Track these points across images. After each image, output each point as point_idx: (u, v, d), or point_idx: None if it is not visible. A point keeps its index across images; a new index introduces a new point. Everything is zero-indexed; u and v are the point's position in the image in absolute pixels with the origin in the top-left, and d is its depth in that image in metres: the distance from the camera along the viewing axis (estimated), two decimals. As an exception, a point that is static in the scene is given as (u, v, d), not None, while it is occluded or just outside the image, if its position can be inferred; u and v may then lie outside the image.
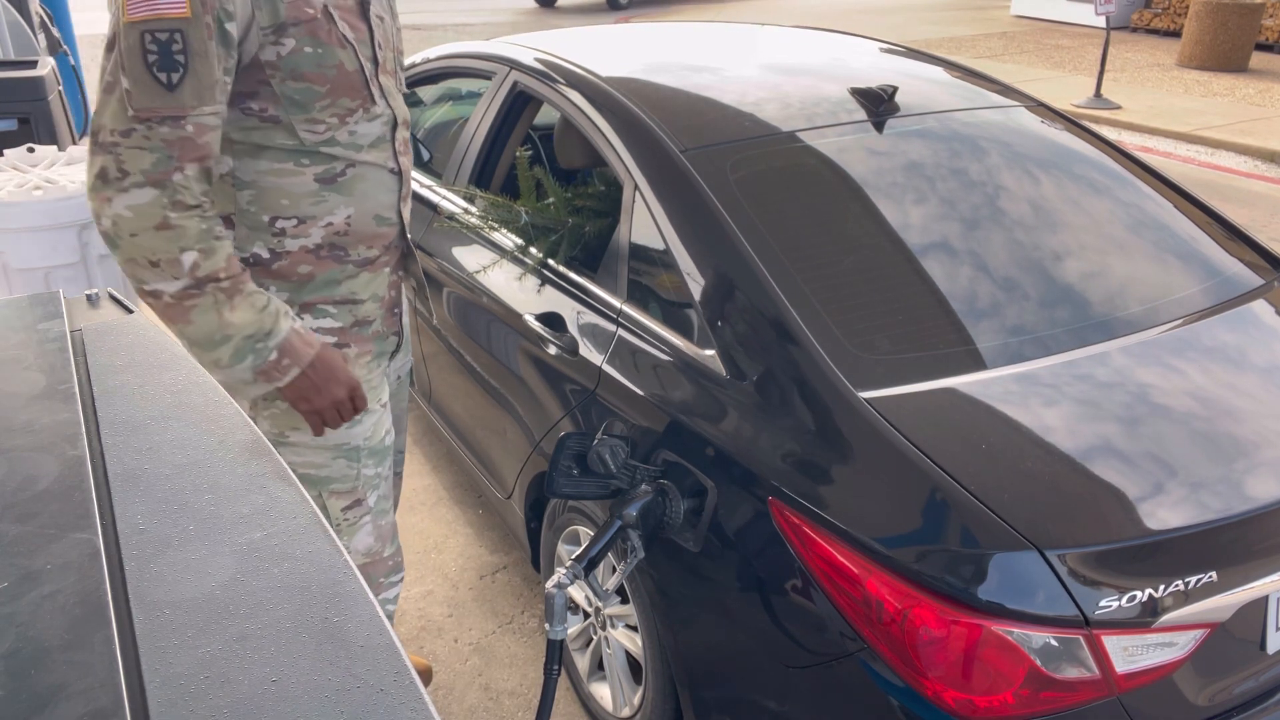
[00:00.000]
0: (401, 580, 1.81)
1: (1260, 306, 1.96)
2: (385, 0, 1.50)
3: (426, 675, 2.29)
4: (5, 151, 3.48)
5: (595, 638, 2.19)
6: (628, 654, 2.08)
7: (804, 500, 1.51)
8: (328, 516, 1.61)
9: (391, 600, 1.78)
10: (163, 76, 1.18)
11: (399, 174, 1.54)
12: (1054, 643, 1.35)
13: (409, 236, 1.65)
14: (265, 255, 1.46)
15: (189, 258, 1.26)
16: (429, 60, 3.15)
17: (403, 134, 1.53)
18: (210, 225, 1.29)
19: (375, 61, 1.43)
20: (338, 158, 1.43)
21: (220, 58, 1.23)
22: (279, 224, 1.44)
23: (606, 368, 1.93)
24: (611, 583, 1.76)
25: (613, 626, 2.10)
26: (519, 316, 2.21)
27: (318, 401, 1.43)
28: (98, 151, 1.22)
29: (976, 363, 1.66)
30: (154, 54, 1.17)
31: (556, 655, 1.68)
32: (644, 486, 1.69)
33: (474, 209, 2.55)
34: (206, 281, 1.28)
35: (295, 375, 1.39)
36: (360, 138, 1.43)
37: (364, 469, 1.62)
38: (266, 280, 1.48)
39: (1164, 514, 1.42)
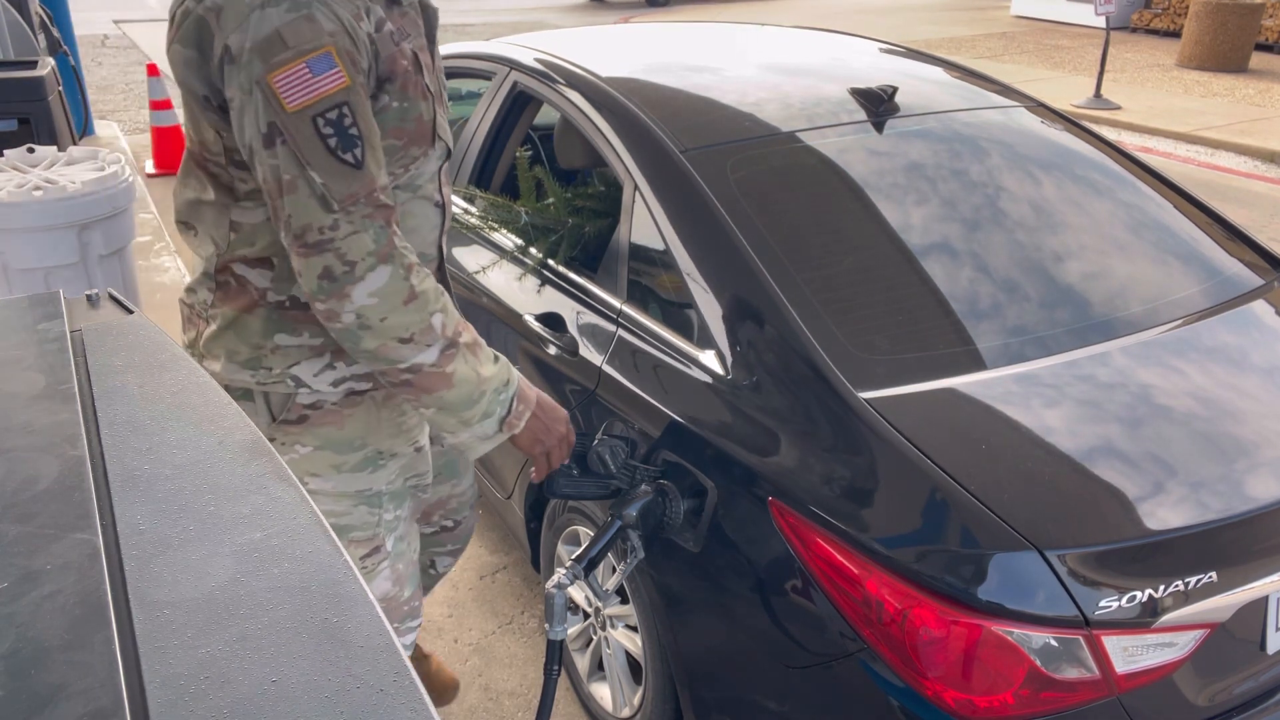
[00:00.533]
0: (418, 625, 1.74)
1: (1260, 307, 1.96)
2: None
3: (454, 689, 2.23)
4: (5, 151, 3.48)
5: (595, 638, 2.19)
6: (628, 654, 2.08)
7: (804, 500, 1.51)
8: None
9: (407, 646, 1.70)
10: (348, 157, 1.12)
11: (442, 206, 1.45)
12: (1054, 643, 1.35)
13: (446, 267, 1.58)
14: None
15: (438, 320, 1.22)
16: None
17: (446, 163, 1.46)
18: (435, 282, 1.24)
19: (434, 97, 1.33)
20: (400, 190, 1.38)
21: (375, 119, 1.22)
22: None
23: (606, 368, 1.93)
24: (611, 583, 1.76)
25: (613, 627, 2.10)
26: (519, 317, 2.21)
27: (548, 440, 1.39)
28: (310, 253, 1.14)
29: (976, 363, 1.66)
30: (331, 136, 1.11)
31: (557, 655, 1.67)
32: (644, 487, 1.68)
33: (474, 209, 2.55)
34: (455, 339, 1.24)
35: (529, 419, 1.35)
36: (418, 178, 1.36)
37: (384, 514, 1.54)
38: (304, 325, 1.35)
39: (1164, 514, 1.42)
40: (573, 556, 1.68)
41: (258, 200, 1.23)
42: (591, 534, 2.04)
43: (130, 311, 1.13)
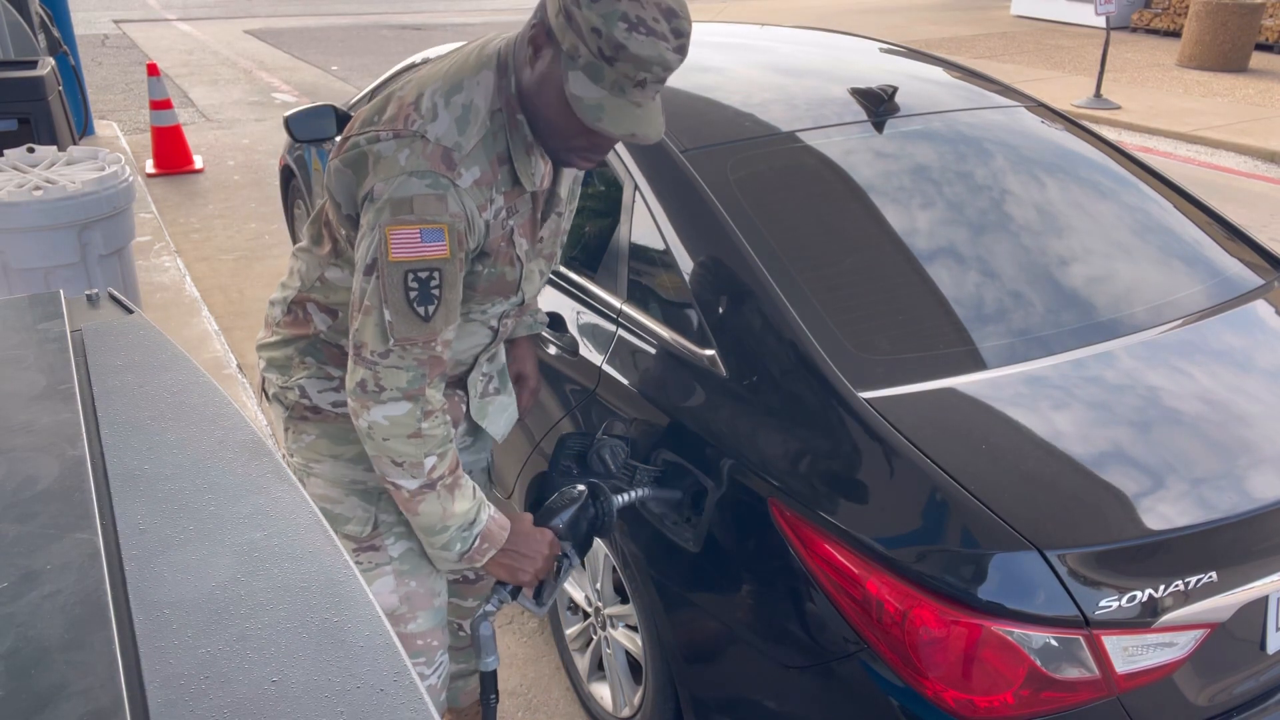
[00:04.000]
0: (438, 672, 1.69)
1: (1260, 306, 1.96)
2: (566, 194, 1.57)
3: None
4: (5, 151, 3.48)
5: (595, 638, 2.19)
6: (628, 654, 2.08)
7: (804, 500, 1.51)
8: None
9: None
10: (420, 310, 1.31)
11: (495, 332, 1.58)
12: (1054, 643, 1.35)
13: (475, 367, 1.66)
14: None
15: (430, 461, 1.38)
16: (429, 60, 3.15)
17: (526, 299, 1.57)
18: (448, 430, 1.41)
19: (524, 267, 1.50)
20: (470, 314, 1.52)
21: (461, 284, 1.37)
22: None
23: (606, 368, 1.93)
24: (546, 596, 1.63)
25: (613, 626, 2.10)
26: (519, 316, 2.21)
27: (523, 572, 1.52)
28: (359, 364, 1.36)
29: (976, 363, 1.66)
30: (414, 290, 1.30)
31: (491, 685, 1.63)
32: (575, 490, 1.62)
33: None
34: (435, 482, 1.40)
35: (495, 555, 1.49)
36: (487, 312, 1.51)
37: (381, 513, 1.58)
38: (334, 362, 1.54)
39: (1164, 514, 1.42)
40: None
41: (347, 269, 1.47)
42: (591, 534, 2.04)
43: (130, 311, 1.13)
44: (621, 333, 1.94)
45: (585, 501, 1.60)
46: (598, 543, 2.03)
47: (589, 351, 2.00)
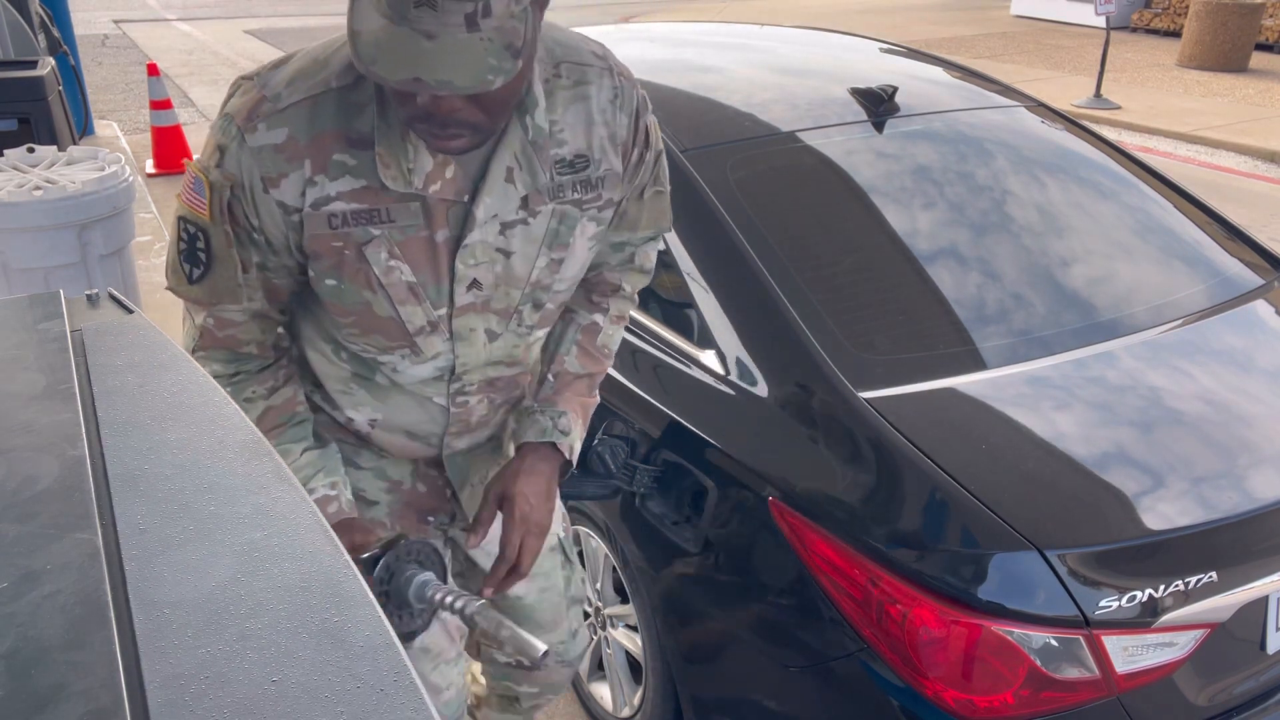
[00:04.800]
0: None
1: (1260, 306, 1.96)
2: (529, 230, 1.14)
3: None
4: (5, 151, 3.48)
5: (595, 638, 2.19)
6: (628, 654, 2.08)
7: (804, 500, 1.51)
8: None
9: None
10: (185, 269, 1.14)
11: (445, 410, 1.28)
12: (1054, 643, 1.35)
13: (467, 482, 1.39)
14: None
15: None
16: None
17: (484, 375, 1.25)
18: (238, 390, 1.21)
19: (450, 303, 1.15)
20: (377, 369, 1.24)
21: (249, 261, 1.13)
22: (309, 385, 1.33)
23: (606, 368, 1.93)
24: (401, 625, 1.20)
25: (613, 626, 2.10)
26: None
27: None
28: None
29: (976, 363, 1.66)
30: (183, 245, 1.13)
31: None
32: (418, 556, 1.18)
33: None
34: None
35: None
36: (400, 375, 1.23)
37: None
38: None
39: (1164, 514, 1.42)
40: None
41: None
42: (592, 534, 2.05)
43: (130, 311, 1.13)
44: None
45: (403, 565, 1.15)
46: (598, 542, 2.03)
47: (589, 351, 2.00)
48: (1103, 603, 1.35)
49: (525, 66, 0.97)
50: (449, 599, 1.11)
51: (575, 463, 1.32)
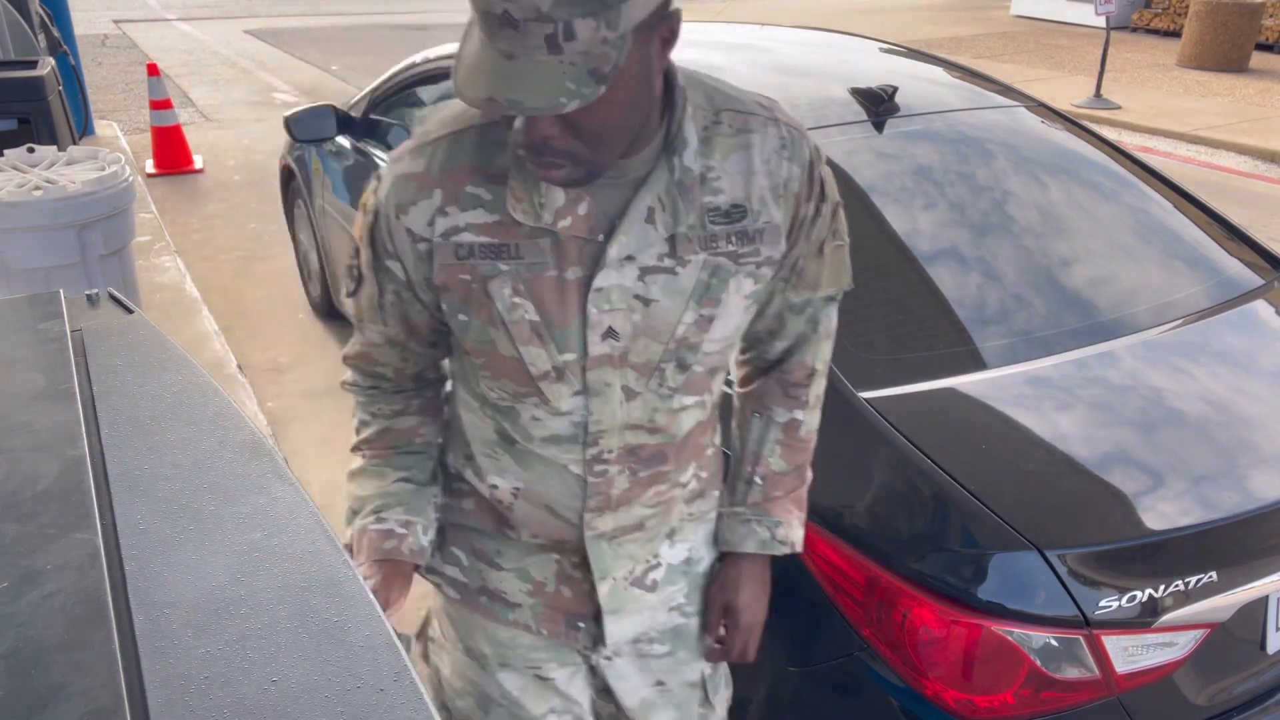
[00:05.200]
0: None
1: (1260, 306, 1.96)
2: (675, 281, 1.05)
3: None
4: (5, 151, 3.48)
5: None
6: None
7: (804, 500, 1.51)
8: None
9: None
10: (348, 281, 1.18)
11: (582, 481, 1.15)
12: (1054, 643, 1.35)
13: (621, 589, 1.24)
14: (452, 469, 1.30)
15: (355, 420, 1.28)
16: (429, 60, 3.15)
17: (624, 441, 1.13)
18: (366, 404, 1.25)
19: (582, 350, 1.06)
20: (516, 425, 1.16)
21: (385, 286, 1.13)
22: (461, 457, 1.27)
23: (606, 368, 1.93)
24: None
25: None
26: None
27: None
28: None
29: (977, 362, 1.66)
30: (351, 260, 1.17)
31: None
32: None
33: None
34: (359, 446, 1.27)
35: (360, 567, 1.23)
36: (532, 430, 1.14)
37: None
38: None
39: (1164, 514, 1.42)
40: None
41: None
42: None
43: (130, 311, 1.13)
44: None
45: None
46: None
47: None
48: (1103, 603, 1.35)
49: (628, 96, 0.91)
50: None
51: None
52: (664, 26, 0.90)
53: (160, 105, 6.32)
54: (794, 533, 1.29)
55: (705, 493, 1.28)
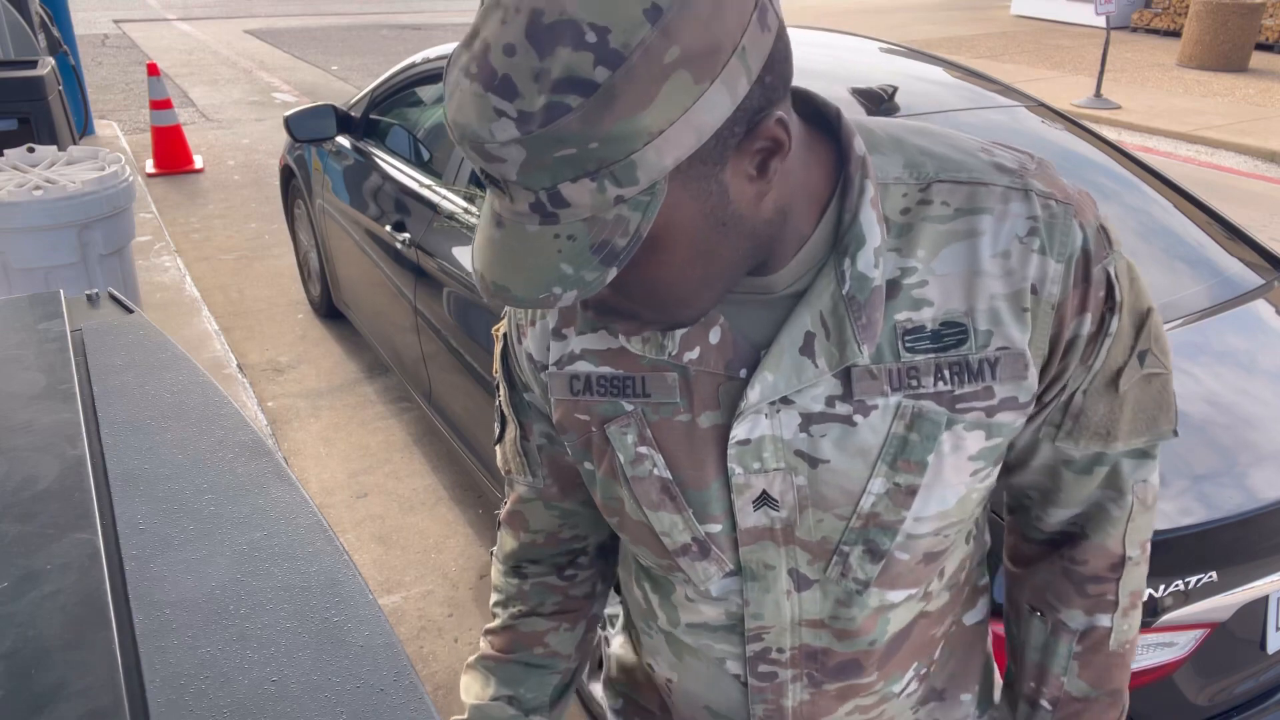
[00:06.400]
0: None
1: (1260, 306, 1.96)
2: (853, 434, 0.74)
3: None
4: (5, 151, 3.48)
5: (598, 638, 2.19)
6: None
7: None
8: None
9: None
10: (496, 427, 0.96)
11: (745, 685, 0.88)
12: (1054, 643, 1.34)
13: None
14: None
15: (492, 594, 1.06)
16: (429, 60, 3.15)
17: (800, 641, 0.83)
18: (502, 584, 1.02)
19: (730, 521, 0.80)
20: (668, 599, 0.91)
21: (530, 427, 0.92)
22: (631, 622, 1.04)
23: (606, 368, 1.93)
24: None
25: (613, 625, 2.10)
26: (519, 316, 2.21)
27: None
28: None
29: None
30: (499, 397, 0.95)
31: None
32: None
33: (474, 209, 2.55)
34: (487, 631, 1.05)
35: None
36: (686, 610, 0.88)
37: None
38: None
39: (1164, 513, 1.42)
40: None
41: None
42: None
43: (130, 311, 1.13)
44: (621, 333, 1.94)
45: None
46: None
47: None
48: (1103, 603, 1.35)
49: (689, 252, 0.64)
50: None
51: None
52: (753, 142, 0.61)
53: (160, 105, 6.33)
54: None
55: (948, 695, 0.93)
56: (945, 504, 0.77)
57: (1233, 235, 2.24)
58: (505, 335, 0.89)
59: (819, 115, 0.75)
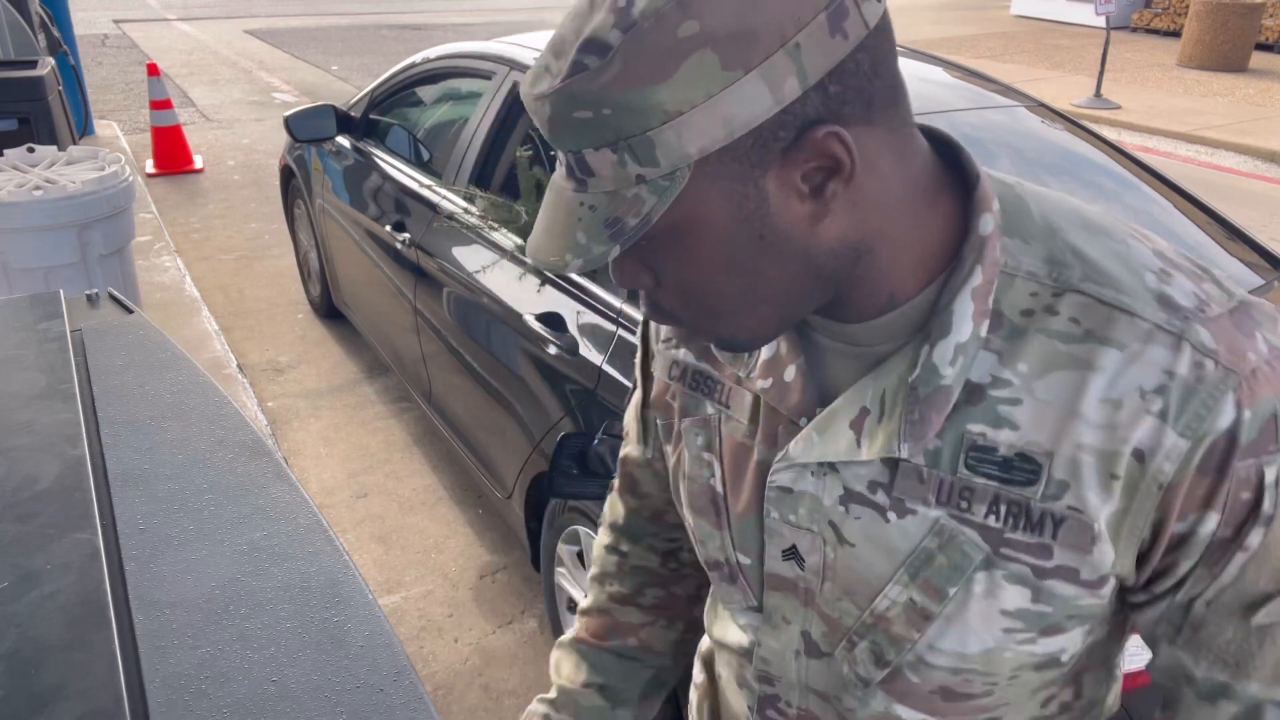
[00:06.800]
0: None
1: (1260, 306, 1.96)
2: (882, 530, 0.68)
3: None
4: (5, 151, 3.48)
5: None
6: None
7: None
8: None
9: None
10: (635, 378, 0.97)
11: (751, 688, 0.85)
12: (1054, 643, 1.34)
13: None
14: None
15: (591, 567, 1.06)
16: (429, 60, 3.15)
17: (805, 704, 0.80)
18: (602, 556, 1.03)
19: (759, 559, 0.77)
20: (714, 602, 0.93)
21: (637, 401, 0.94)
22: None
23: (606, 368, 1.93)
24: None
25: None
26: (519, 316, 2.21)
27: None
28: None
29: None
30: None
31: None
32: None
33: (474, 209, 2.55)
34: (582, 610, 1.05)
35: None
36: (719, 627, 0.88)
37: None
38: None
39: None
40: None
41: None
42: (592, 534, 2.05)
43: (130, 311, 1.13)
44: (621, 333, 1.94)
45: None
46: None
47: (589, 351, 2.00)
48: (1103, 603, 1.35)
49: (720, 256, 0.61)
50: None
51: None
52: (801, 152, 0.56)
53: (160, 105, 6.33)
54: None
55: None
56: (964, 647, 0.68)
57: (1233, 235, 2.24)
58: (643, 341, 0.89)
59: (961, 172, 0.66)
